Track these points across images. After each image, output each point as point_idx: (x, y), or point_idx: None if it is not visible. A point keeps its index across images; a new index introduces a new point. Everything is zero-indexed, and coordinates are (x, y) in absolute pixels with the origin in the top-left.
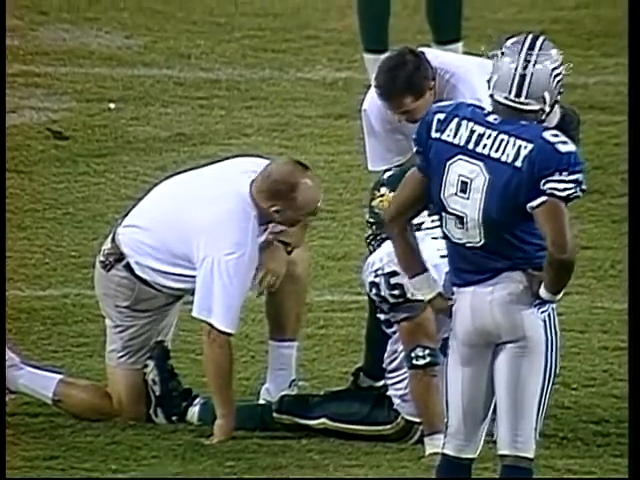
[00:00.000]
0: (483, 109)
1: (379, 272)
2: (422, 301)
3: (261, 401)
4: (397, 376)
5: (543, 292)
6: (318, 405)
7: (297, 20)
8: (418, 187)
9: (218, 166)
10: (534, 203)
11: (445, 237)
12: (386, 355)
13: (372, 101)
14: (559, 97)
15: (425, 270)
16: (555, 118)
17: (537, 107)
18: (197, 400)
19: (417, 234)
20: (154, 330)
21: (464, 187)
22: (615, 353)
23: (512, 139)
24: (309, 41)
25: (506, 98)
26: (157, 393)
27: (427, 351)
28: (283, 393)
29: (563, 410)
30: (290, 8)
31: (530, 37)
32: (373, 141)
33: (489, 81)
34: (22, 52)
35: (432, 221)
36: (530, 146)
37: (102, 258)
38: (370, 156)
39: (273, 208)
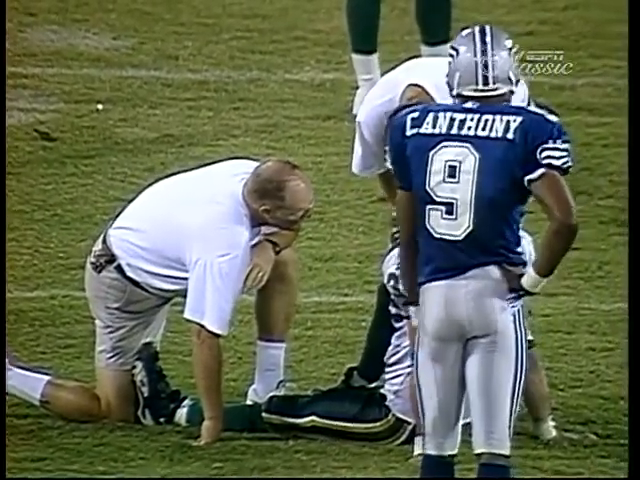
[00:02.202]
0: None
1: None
2: None
3: (249, 402)
4: (395, 371)
5: (532, 279)
6: (308, 404)
7: (285, 22)
8: (410, 202)
9: (210, 168)
10: (533, 175)
11: (424, 234)
12: (390, 348)
13: (368, 115)
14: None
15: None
16: None
17: (506, 89)
18: (185, 402)
19: None
20: (143, 331)
21: (452, 171)
22: (602, 354)
23: (498, 116)
24: (297, 42)
25: (475, 90)
26: (145, 394)
27: None
28: (272, 394)
29: (550, 411)
30: (278, 10)
31: (478, 28)
32: (363, 148)
33: (450, 82)
34: (10, 53)
35: None
36: (519, 118)
37: (93, 259)
38: (356, 161)
39: (262, 207)
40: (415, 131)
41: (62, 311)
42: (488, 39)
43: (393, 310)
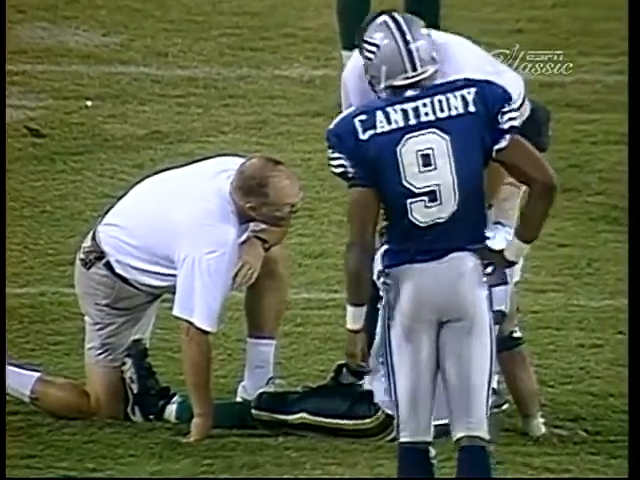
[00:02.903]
0: (397, 94)
1: None
2: None
3: (238, 399)
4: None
5: (516, 247)
6: (297, 401)
7: (274, 18)
8: (370, 200)
9: (198, 165)
10: (502, 144)
11: (406, 226)
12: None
13: (354, 67)
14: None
15: (365, 303)
16: (525, 114)
17: (433, 70)
18: (175, 398)
19: None
20: (133, 328)
21: (427, 160)
22: (592, 350)
23: (449, 94)
24: (286, 39)
25: (406, 77)
26: (135, 391)
27: None
28: (261, 390)
29: (539, 407)
30: (267, 6)
31: (388, 17)
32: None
33: (375, 77)
34: None
35: None
36: (472, 89)
37: (82, 256)
38: None
39: (247, 204)
40: (371, 133)
41: (51, 307)
42: (404, 25)
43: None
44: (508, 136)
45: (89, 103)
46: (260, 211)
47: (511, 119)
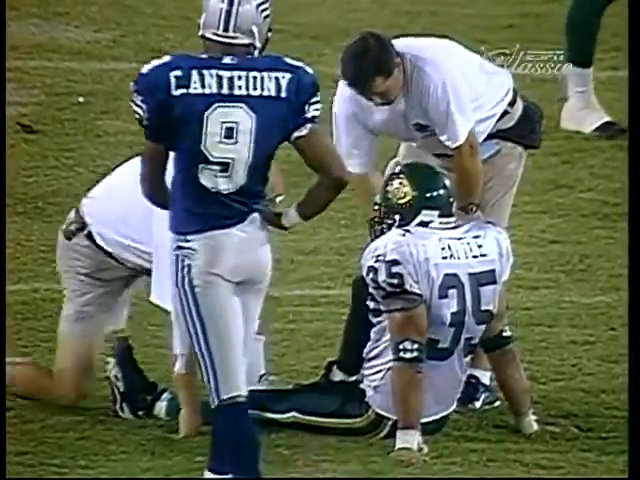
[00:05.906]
0: (215, 57)
1: (380, 258)
2: (420, 295)
3: None
4: (375, 366)
5: (295, 220)
6: (288, 399)
7: None
8: (161, 154)
9: None
10: (303, 132)
11: (196, 189)
12: (369, 343)
13: (339, 96)
14: (268, 33)
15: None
16: (517, 112)
17: (247, 41)
18: (165, 395)
19: (424, 230)
20: (109, 302)
21: (229, 133)
22: (584, 347)
23: (265, 73)
24: (278, 35)
25: (215, 34)
26: (121, 389)
27: (416, 345)
28: (252, 388)
29: (531, 404)
30: None
31: None
32: (343, 140)
33: (200, 22)
34: None
35: (440, 223)
36: (288, 75)
37: (64, 227)
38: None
39: None
40: (183, 91)
41: (44, 304)
42: None
43: (372, 305)
44: (310, 125)
45: (81, 99)
46: None
47: (316, 110)
